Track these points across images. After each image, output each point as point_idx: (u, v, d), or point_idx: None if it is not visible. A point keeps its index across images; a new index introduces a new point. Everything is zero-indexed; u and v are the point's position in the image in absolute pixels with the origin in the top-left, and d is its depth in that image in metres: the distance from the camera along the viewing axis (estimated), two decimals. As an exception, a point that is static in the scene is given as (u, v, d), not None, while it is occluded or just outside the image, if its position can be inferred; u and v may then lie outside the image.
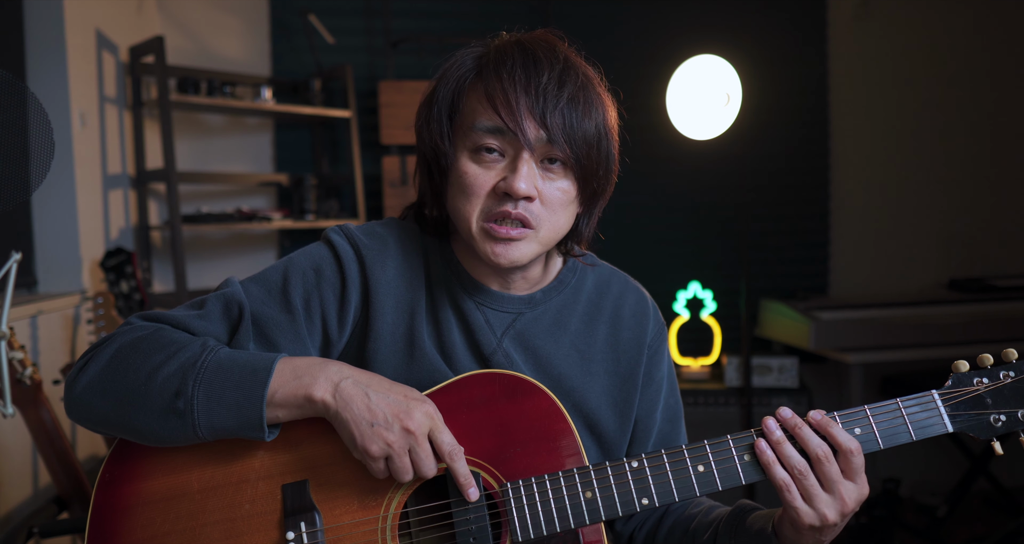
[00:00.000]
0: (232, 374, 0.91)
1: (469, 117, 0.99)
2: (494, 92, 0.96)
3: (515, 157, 0.97)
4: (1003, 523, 3.09)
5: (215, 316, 1.00)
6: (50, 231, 2.47)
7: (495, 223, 0.98)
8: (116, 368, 0.93)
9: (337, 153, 3.45)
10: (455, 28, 3.40)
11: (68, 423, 2.26)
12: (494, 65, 0.98)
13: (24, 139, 1.24)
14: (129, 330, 0.97)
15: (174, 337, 0.95)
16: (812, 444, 0.93)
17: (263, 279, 1.04)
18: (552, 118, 0.95)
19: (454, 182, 1.01)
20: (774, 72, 3.46)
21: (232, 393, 0.91)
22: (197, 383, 0.91)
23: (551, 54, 0.98)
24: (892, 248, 3.69)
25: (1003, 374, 0.97)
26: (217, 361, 0.92)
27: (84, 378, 0.94)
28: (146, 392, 0.91)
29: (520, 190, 0.96)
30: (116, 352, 0.94)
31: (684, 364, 3.33)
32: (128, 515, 0.96)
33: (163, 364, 0.92)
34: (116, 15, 2.83)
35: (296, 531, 0.95)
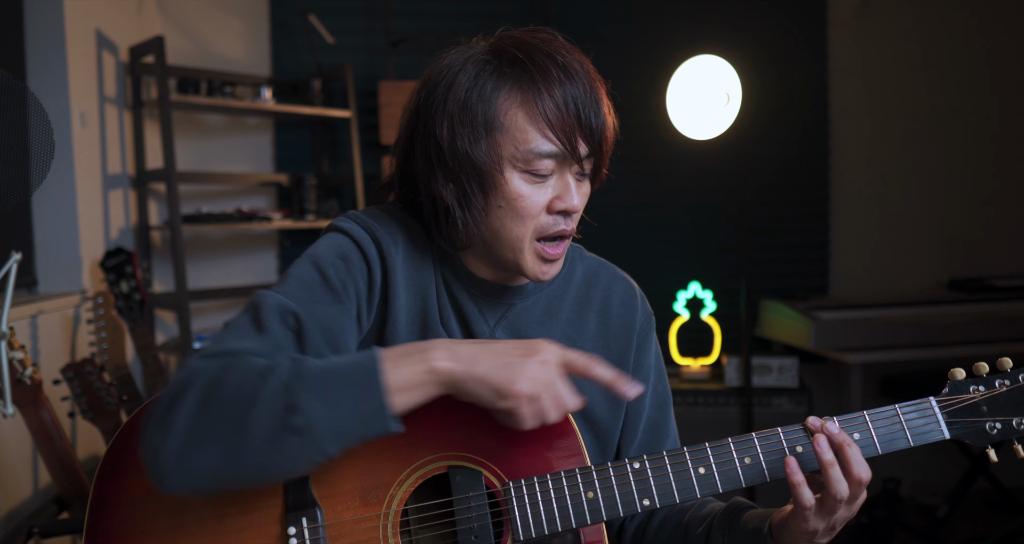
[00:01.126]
0: (339, 373, 0.86)
1: (521, 138, 0.97)
2: (553, 117, 0.96)
3: (562, 173, 1.00)
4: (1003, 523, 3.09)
5: (277, 332, 0.93)
6: (50, 231, 2.47)
7: (548, 244, 1.02)
8: (208, 412, 0.84)
9: (337, 153, 3.45)
10: (455, 28, 3.40)
11: (68, 423, 2.26)
12: (543, 84, 0.97)
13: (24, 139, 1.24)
14: (197, 372, 0.87)
15: (253, 363, 0.87)
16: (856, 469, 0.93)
17: (298, 280, 0.99)
18: (595, 135, 0.99)
19: (503, 202, 0.99)
20: (774, 72, 3.46)
21: (348, 391, 0.84)
22: (307, 391, 0.83)
23: (578, 62, 1.00)
24: (892, 248, 3.69)
25: (999, 383, 0.99)
26: (316, 367, 0.86)
27: (173, 436, 0.83)
28: (254, 421, 0.82)
29: (577, 207, 1.01)
30: (200, 397, 0.84)
31: (684, 364, 3.33)
32: (128, 509, 0.96)
33: (259, 388, 0.84)
34: (116, 15, 2.83)
35: (297, 526, 0.95)
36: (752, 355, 3.11)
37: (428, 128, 1.00)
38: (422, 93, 1.03)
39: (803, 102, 3.60)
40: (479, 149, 0.97)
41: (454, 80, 0.99)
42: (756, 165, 3.48)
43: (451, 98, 0.98)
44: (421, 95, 1.03)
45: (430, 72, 1.03)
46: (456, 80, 0.99)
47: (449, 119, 0.98)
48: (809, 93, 3.60)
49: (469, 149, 0.97)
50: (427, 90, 1.02)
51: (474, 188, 0.99)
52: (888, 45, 3.64)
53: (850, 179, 3.65)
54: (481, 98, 0.97)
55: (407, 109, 1.06)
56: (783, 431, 0.97)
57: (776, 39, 3.55)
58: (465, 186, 0.99)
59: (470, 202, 1.00)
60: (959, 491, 3.02)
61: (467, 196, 1.00)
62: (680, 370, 3.32)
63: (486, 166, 0.98)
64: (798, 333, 3.10)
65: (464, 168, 0.98)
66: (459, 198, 1.00)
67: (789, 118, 3.58)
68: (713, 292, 3.36)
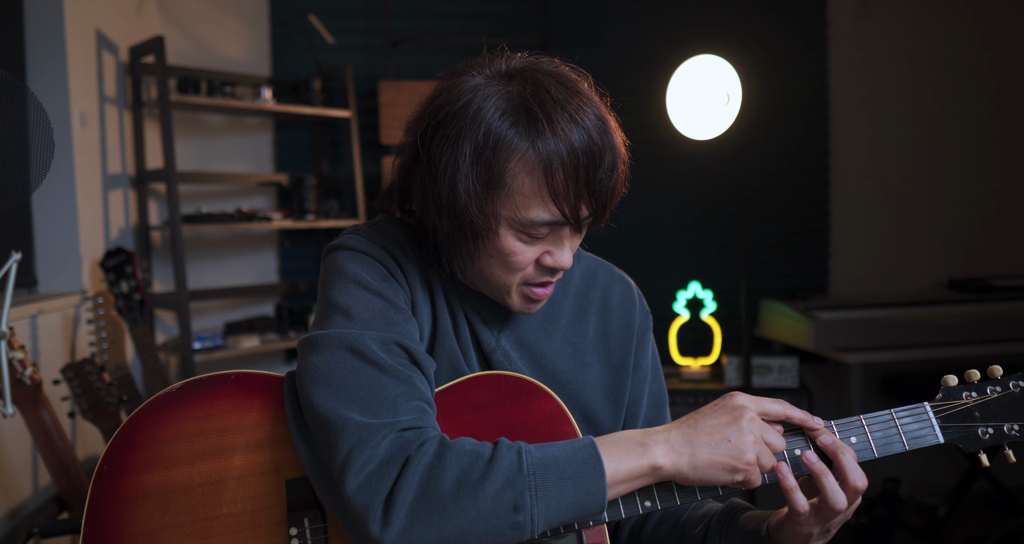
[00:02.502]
0: (562, 471, 0.86)
1: (523, 204, 0.94)
2: (560, 190, 0.93)
3: (558, 232, 0.99)
4: (1003, 523, 3.09)
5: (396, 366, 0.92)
6: (50, 231, 2.47)
7: (536, 287, 1.01)
8: (429, 505, 0.83)
9: (337, 153, 3.45)
10: (455, 28, 3.40)
11: (68, 423, 2.26)
12: (556, 155, 0.91)
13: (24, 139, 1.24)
14: (406, 451, 0.86)
15: (466, 448, 0.87)
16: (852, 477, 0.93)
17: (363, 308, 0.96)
18: (601, 200, 0.97)
19: (493, 254, 0.98)
20: (774, 72, 3.46)
21: (569, 487, 0.86)
22: (533, 492, 0.84)
23: (600, 122, 0.95)
24: (892, 248, 3.69)
25: (990, 389, 1.01)
26: (539, 462, 0.86)
27: (395, 525, 0.83)
28: (480, 520, 0.83)
29: (567, 267, 1.00)
30: (421, 486, 0.84)
31: (684, 364, 3.33)
32: (126, 508, 0.95)
33: (483, 483, 0.84)
34: (116, 15, 2.83)
35: (299, 527, 0.95)
36: (752, 355, 3.11)
37: (432, 159, 0.95)
38: (432, 116, 0.96)
39: (803, 102, 3.60)
40: (476, 202, 0.94)
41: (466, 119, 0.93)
42: (756, 165, 3.48)
43: (464, 139, 0.92)
44: (431, 118, 0.96)
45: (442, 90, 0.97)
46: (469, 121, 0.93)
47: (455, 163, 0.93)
48: (809, 93, 3.60)
49: (466, 200, 0.93)
50: (439, 116, 0.95)
51: (466, 236, 0.97)
52: (888, 45, 3.64)
53: (850, 179, 3.65)
54: (495, 154, 0.92)
55: (412, 123, 1.00)
56: None
57: (776, 39, 3.55)
58: (456, 231, 0.97)
59: (458, 246, 0.98)
60: (959, 491, 3.02)
61: (456, 240, 0.98)
62: (680, 370, 3.32)
63: (482, 220, 0.95)
64: (798, 333, 3.10)
65: (458, 215, 0.95)
66: (449, 238, 0.98)
67: (789, 118, 3.58)
68: (713, 292, 3.36)
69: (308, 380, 0.92)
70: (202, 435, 0.98)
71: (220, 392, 1.00)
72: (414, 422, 0.88)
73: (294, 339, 3.13)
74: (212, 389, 1.00)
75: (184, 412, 0.99)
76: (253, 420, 0.99)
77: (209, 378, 1.01)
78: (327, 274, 1.01)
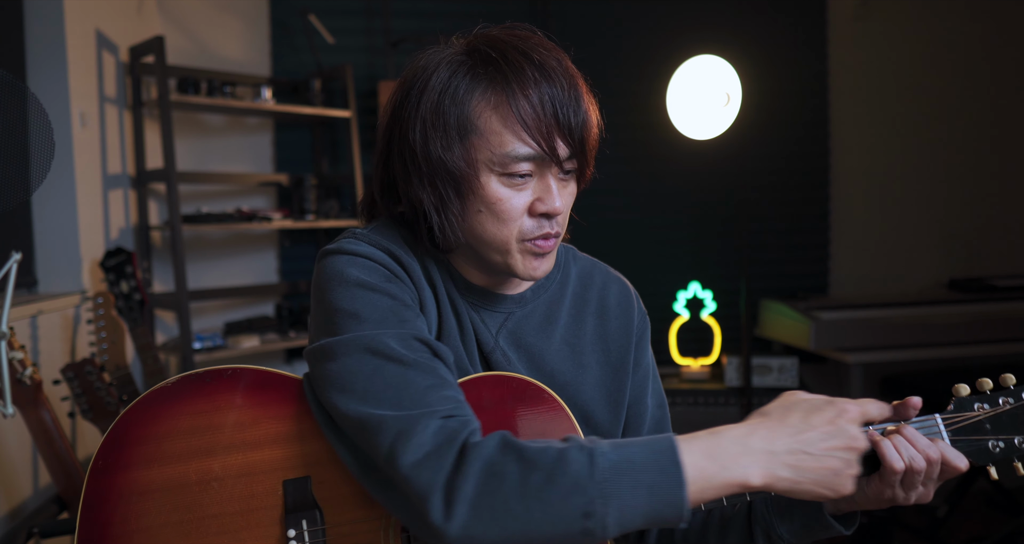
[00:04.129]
0: (637, 478, 0.81)
1: (496, 141, 0.94)
2: (528, 118, 0.93)
3: (543, 175, 0.97)
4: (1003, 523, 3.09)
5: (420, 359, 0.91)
6: (50, 231, 2.47)
7: (538, 240, 0.98)
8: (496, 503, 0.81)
9: (337, 153, 3.45)
10: (455, 28, 3.38)
11: (68, 423, 2.26)
12: (516, 83, 0.93)
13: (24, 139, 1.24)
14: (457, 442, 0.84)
15: (529, 445, 0.84)
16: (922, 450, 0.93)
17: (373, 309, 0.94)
18: (575, 135, 0.95)
19: (482, 207, 0.97)
20: (774, 72, 3.46)
21: (645, 501, 0.80)
22: (603, 497, 0.80)
23: (556, 60, 0.96)
24: (892, 248, 3.69)
25: (1002, 400, 0.99)
26: (612, 466, 0.81)
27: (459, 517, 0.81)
28: (547, 523, 0.80)
29: (560, 210, 0.97)
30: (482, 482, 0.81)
31: (684, 364, 3.33)
32: (122, 504, 0.94)
33: (550, 485, 0.81)
34: (116, 15, 2.83)
35: (298, 528, 0.94)
36: (752, 355, 3.11)
37: (403, 132, 0.98)
38: (397, 96, 1.00)
39: (803, 102, 3.60)
40: (452, 154, 0.95)
41: (427, 82, 0.96)
42: (756, 165, 3.48)
43: (424, 101, 0.96)
44: (396, 98, 1.00)
45: (406, 74, 1.00)
46: (429, 82, 0.96)
47: (422, 123, 0.96)
48: (809, 93, 3.60)
49: (442, 154, 0.95)
50: (402, 93, 0.99)
51: (450, 193, 0.97)
52: (888, 45, 3.64)
53: (850, 179, 3.65)
54: (454, 101, 0.94)
55: (384, 112, 1.03)
56: None
57: (776, 39, 3.55)
58: (441, 191, 0.97)
59: (447, 207, 0.98)
60: (959, 491, 3.02)
61: (444, 201, 0.97)
62: (680, 370, 3.32)
63: (461, 171, 0.95)
64: (798, 333, 3.10)
65: (439, 172, 0.96)
66: (436, 203, 0.98)
67: (789, 118, 3.58)
68: (713, 292, 3.36)
69: (331, 388, 0.90)
70: (198, 432, 0.97)
71: (216, 387, 0.98)
72: (452, 411, 0.87)
73: (294, 339, 3.13)
74: (208, 384, 0.98)
75: (179, 408, 0.97)
76: (250, 417, 0.97)
77: (205, 373, 0.99)
78: (326, 280, 0.97)
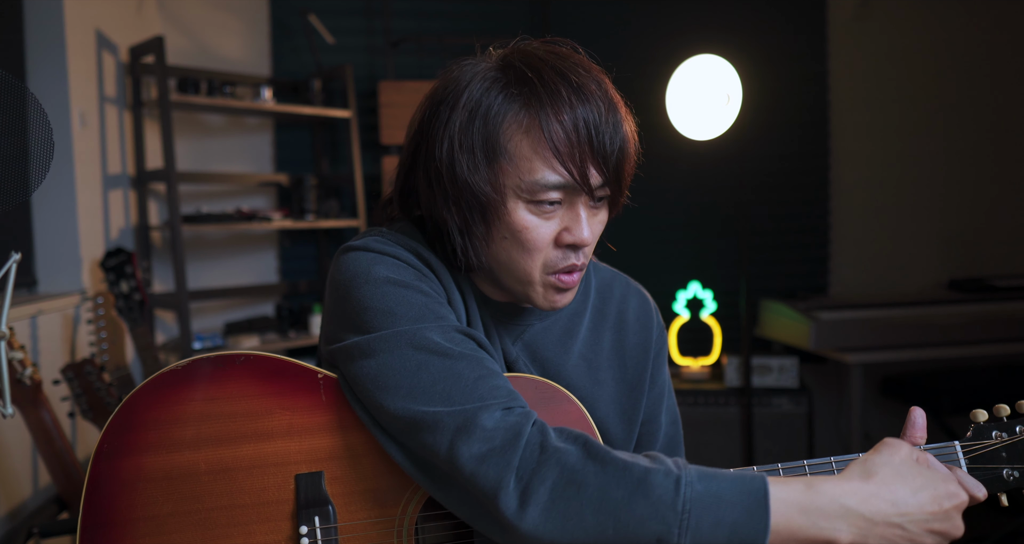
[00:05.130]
0: (721, 513, 0.78)
1: (526, 167, 0.90)
2: (560, 145, 0.88)
3: (573, 204, 0.93)
4: (1003, 523, 3.09)
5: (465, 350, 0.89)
6: (50, 231, 2.47)
7: (562, 275, 0.95)
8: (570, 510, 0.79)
9: (337, 153, 3.45)
10: (455, 28, 3.39)
11: (68, 423, 2.26)
12: (550, 106, 0.88)
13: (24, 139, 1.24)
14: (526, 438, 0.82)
15: (620, 461, 0.81)
16: None
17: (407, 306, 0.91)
18: (610, 163, 0.92)
19: (508, 234, 0.93)
20: (774, 72, 3.46)
21: (724, 539, 0.77)
22: (682, 530, 0.77)
23: (595, 82, 0.92)
24: (892, 248, 3.69)
25: (1019, 429, 0.99)
26: (697, 497, 0.78)
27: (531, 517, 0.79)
28: (618, 540, 0.78)
29: (588, 241, 0.93)
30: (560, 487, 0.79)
31: (684, 364, 3.33)
32: (127, 490, 0.92)
33: (629, 504, 0.78)
34: (116, 15, 2.83)
35: (310, 525, 0.92)
36: (752, 355, 3.11)
37: (429, 148, 0.94)
38: (428, 108, 0.96)
39: (803, 102, 3.60)
40: (479, 177, 0.91)
41: (458, 98, 0.92)
42: (756, 165, 3.48)
43: (453, 119, 0.91)
44: (426, 110, 0.96)
45: (437, 85, 0.97)
46: (460, 99, 0.92)
47: (449, 142, 0.91)
48: (809, 93, 3.60)
49: (468, 176, 0.91)
50: (433, 105, 0.95)
51: (475, 217, 0.93)
52: (888, 45, 3.64)
53: (850, 179, 3.65)
54: (484, 122, 0.90)
55: (412, 122, 1.00)
56: None
57: (776, 39, 3.55)
58: (466, 214, 0.93)
59: (471, 230, 0.94)
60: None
61: (468, 224, 0.94)
62: (680, 370, 3.32)
63: (487, 196, 0.91)
64: (798, 333, 3.10)
65: (464, 195, 0.92)
66: (460, 226, 0.94)
67: (789, 118, 3.58)
68: (713, 292, 3.36)
69: (373, 387, 0.88)
70: (209, 419, 0.94)
71: (228, 374, 0.95)
72: (508, 402, 0.84)
73: (294, 339, 3.13)
74: (220, 370, 0.95)
75: (189, 393, 0.94)
76: (263, 407, 0.95)
77: (217, 358, 0.96)
78: (350, 277, 0.94)
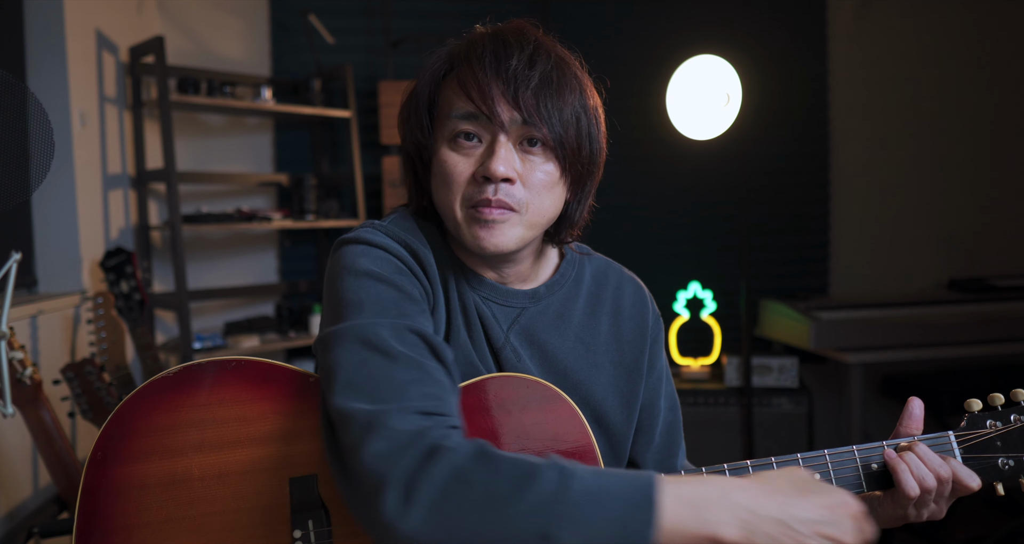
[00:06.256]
0: (608, 508, 0.77)
1: (445, 107, 0.99)
2: (465, 78, 0.96)
3: (492, 141, 0.96)
4: (1003, 523, 3.09)
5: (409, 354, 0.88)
6: (50, 231, 2.47)
7: (480, 207, 0.96)
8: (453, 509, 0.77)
9: (337, 153, 3.45)
10: (455, 28, 3.37)
11: (68, 423, 2.26)
12: (465, 54, 0.99)
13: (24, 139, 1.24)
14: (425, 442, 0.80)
15: (504, 456, 0.80)
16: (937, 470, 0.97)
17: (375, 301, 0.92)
18: (524, 98, 0.94)
19: (436, 173, 1.00)
20: (774, 72, 3.46)
21: (610, 532, 0.76)
22: (567, 523, 0.75)
23: (521, 38, 0.98)
24: (892, 248, 3.69)
25: (1013, 417, 0.99)
26: (583, 491, 0.77)
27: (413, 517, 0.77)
28: (501, 539, 0.76)
29: (499, 172, 0.94)
30: (445, 486, 0.78)
31: (684, 364, 3.33)
32: (121, 498, 0.92)
33: (514, 499, 0.77)
34: (116, 15, 2.83)
35: (303, 529, 0.92)
36: (752, 355, 3.11)
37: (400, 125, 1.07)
38: None
39: (803, 102, 3.60)
40: (418, 132, 1.02)
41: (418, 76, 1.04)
42: (756, 165, 3.48)
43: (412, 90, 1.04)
44: None
45: None
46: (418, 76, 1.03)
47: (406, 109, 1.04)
48: (809, 93, 3.60)
49: (410, 133, 1.03)
50: None
51: (420, 169, 1.05)
52: (888, 45, 3.64)
53: (850, 179, 3.65)
54: (422, 82, 1.02)
55: None
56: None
57: (776, 39, 3.55)
58: (416, 168, 1.06)
59: (418, 180, 1.06)
60: (959, 491, 3.01)
61: (416, 176, 1.06)
62: (680, 370, 3.32)
63: (424, 144, 1.02)
64: (798, 333, 3.10)
65: (411, 150, 1.04)
66: (411, 180, 1.07)
67: (789, 118, 3.58)
68: (713, 292, 3.36)
69: (323, 380, 0.89)
70: (202, 425, 0.94)
71: (220, 379, 0.96)
72: (430, 407, 0.84)
73: (294, 339, 3.13)
74: (212, 375, 0.96)
75: (182, 399, 0.95)
76: (256, 412, 0.95)
77: (209, 364, 0.97)
78: (337, 269, 0.97)
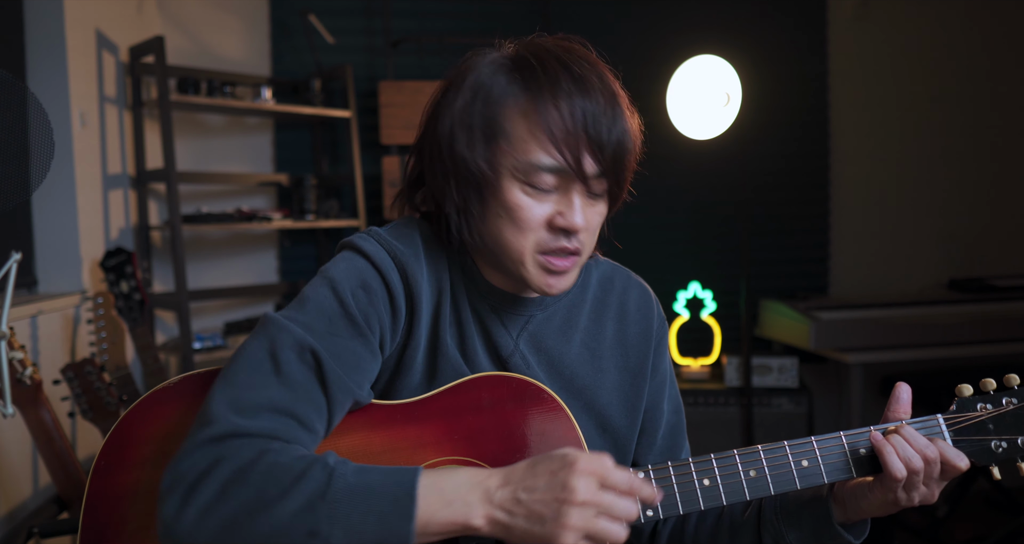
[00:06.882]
0: (370, 504, 0.80)
1: (522, 148, 0.93)
2: (556, 129, 0.92)
3: (567, 190, 0.95)
4: (1003, 523, 3.09)
5: (296, 374, 0.89)
6: (50, 231, 2.47)
7: (552, 257, 0.96)
8: (226, 511, 0.80)
9: (337, 153, 3.45)
10: (455, 28, 3.39)
11: (68, 423, 2.26)
12: (549, 92, 0.92)
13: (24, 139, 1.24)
14: (227, 452, 0.83)
15: (282, 460, 0.82)
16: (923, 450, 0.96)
17: (317, 308, 0.93)
18: (606, 153, 0.94)
19: (501, 212, 0.96)
20: (774, 72, 3.46)
21: (374, 528, 0.79)
22: (332, 520, 0.79)
23: (597, 75, 0.95)
24: (892, 248, 3.69)
25: (1005, 400, 0.99)
26: (347, 488, 0.80)
27: (187, 518, 0.80)
28: (272, 537, 0.79)
29: (580, 227, 0.95)
30: (222, 489, 0.81)
31: (684, 364, 3.33)
32: (125, 505, 0.93)
33: (283, 499, 0.79)
34: (116, 15, 2.83)
35: None
36: (752, 355, 3.11)
37: (436, 131, 0.99)
38: (438, 93, 1.01)
39: (803, 102, 3.60)
40: (477, 153, 0.95)
41: (465, 80, 0.97)
42: (756, 165, 3.48)
43: (458, 98, 0.97)
44: (437, 95, 1.01)
45: (451, 71, 1.01)
46: (466, 81, 0.97)
47: (451, 119, 0.96)
48: (809, 93, 3.60)
49: (466, 152, 0.95)
50: (443, 89, 1.00)
51: (471, 193, 0.97)
52: (888, 45, 3.64)
53: (850, 179, 3.65)
54: (486, 102, 0.95)
55: (424, 110, 1.04)
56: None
57: (776, 39, 3.55)
58: (463, 189, 0.97)
59: (467, 207, 0.98)
60: (959, 491, 3.02)
61: (464, 201, 0.98)
62: (680, 370, 3.32)
63: (482, 172, 0.95)
64: (798, 333, 3.10)
65: (460, 170, 0.96)
66: (457, 201, 0.98)
67: (789, 118, 3.58)
68: (713, 292, 3.36)
69: (232, 357, 0.92)
70: None
71: None
72: (265, 430, 0.85)
73: (294, 339, 3.13)
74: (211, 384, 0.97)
75: (182, 408, 0.96)
76: None
77: (208, 373, 0.98)
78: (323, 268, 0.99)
